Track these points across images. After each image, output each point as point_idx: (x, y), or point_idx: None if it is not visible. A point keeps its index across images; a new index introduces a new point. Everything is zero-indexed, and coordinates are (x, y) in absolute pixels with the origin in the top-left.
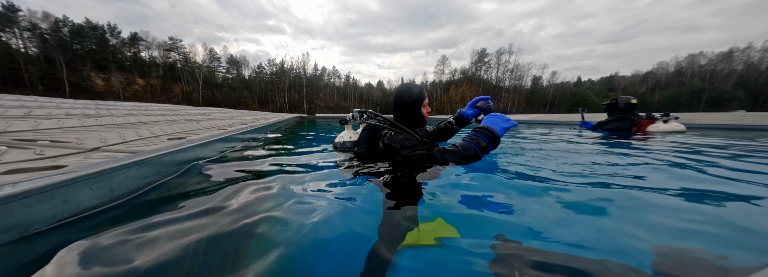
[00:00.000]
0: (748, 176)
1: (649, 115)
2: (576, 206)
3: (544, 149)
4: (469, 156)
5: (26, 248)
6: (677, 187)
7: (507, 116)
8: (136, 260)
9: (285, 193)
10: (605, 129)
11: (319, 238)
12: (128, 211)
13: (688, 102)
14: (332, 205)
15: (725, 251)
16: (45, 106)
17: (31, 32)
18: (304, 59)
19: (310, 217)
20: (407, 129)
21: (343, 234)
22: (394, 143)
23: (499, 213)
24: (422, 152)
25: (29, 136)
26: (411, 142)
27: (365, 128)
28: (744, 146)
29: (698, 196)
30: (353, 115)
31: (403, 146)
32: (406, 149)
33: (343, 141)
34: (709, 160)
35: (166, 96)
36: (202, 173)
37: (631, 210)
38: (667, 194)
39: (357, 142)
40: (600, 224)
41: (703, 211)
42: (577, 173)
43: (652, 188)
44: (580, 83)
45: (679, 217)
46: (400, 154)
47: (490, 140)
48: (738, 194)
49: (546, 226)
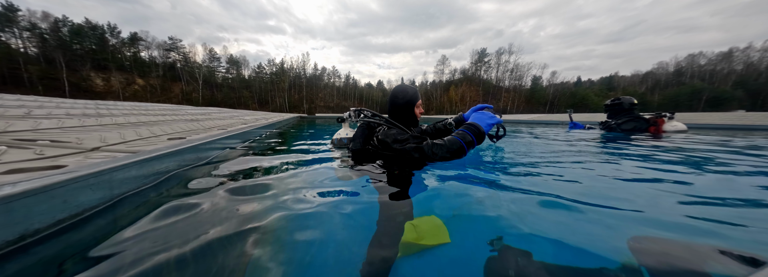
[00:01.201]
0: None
1: (658, 114)
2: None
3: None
4: (454, 149)
5: (26, 248)
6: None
7: (492, 114)
8: (136, 260)
9: (285, 191)
10: (625, 130)
11: (318, 235)
12: (128, 211)
13: (688, 102)
14: (331, 203)
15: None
16: (45, 106)
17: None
18: (304, 59)
19: (310, 215)
20: (401, 125)
21: (340, 230)
22: (387, 137)
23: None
24: (412, 145)
25: (29, 136)
26: (402, 136)
27: (361, 125)
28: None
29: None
30: (350, 113)
31: (394, 139)
32: (398, 142)
33: (340, 138)
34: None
35: (165, 96)
36: (202, 172)
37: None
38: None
39: (353, 138)
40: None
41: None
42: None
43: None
44: (580, 83)
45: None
46: (391, 147)
47: (475, 135)
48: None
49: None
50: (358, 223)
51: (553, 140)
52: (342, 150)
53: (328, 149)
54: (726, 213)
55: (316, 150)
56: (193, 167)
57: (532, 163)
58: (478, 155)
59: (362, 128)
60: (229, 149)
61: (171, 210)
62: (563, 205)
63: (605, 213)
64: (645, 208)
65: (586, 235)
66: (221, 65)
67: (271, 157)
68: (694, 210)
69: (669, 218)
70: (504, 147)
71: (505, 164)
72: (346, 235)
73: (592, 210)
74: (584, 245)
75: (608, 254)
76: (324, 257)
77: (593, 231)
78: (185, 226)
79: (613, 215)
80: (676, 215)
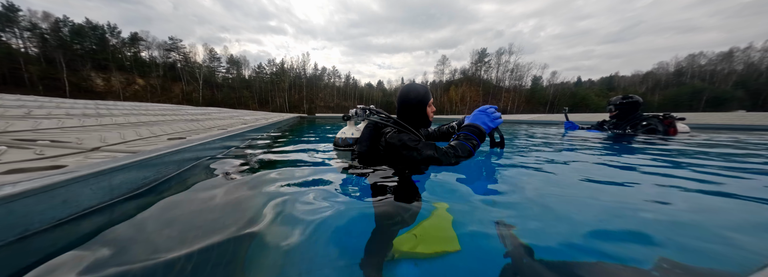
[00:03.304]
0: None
1: (666, 115)
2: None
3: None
4: (464, 156)
5: (26, 248)
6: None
7: (492, 112)
8: (136, 260)
9: (284, 192)
10: (649, 131)
11: (317, 235)
12: (128, 211)
13: (688, 102)
14: (330, 203)
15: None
16: (45, 106)
17: (31, 32)
18: (304, 59)
19: (309, 215)
20: (411, 128)
21: (340, 230)
22: (397, 141)
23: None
24: (429, 153)
25: (29, 136)
26: (413, 143)
27: (367, 126)
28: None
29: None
30: (356, 111)
31: (405, 146)
32: (409, 149)
33: (345, 137)
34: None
35: (166, 96)
36: (202, 173)
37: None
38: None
39: (359, 140)
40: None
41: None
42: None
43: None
44: (580, 83)
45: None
46: (400, 153)
47: (478, 135)
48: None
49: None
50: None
51: (566, 143)
52: (345, 151)
53: (330, 150)
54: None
55: (316, 149)
56: (193, 167)
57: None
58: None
59: (369, 129)
60: (229, 149)
61: (171, 210)
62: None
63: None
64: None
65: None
66: (221, 65)
67: (271, 157)
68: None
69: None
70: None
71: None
72: (346, 235)
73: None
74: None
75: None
76: (322, 257)
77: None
78: (185, 226)
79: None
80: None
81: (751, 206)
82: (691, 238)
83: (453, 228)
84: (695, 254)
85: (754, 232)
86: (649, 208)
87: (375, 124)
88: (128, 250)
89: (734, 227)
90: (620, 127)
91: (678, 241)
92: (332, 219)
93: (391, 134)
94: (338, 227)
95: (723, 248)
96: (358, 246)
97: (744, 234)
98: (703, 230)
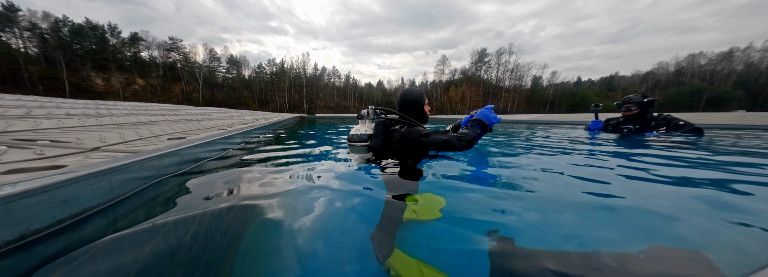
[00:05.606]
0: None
1: (666, 115)
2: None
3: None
4: (470, 140)
5: (26, 248)
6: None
7: (494, 113)
8: (136, 260)
9: (284, 191)
10: (686, 132)
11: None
12: (128, 211)
13: (688, 102)
14: (330, 202)
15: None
16: (45, 106)
17: (31, 32)
18: (304, 59)
19: (308, 214)
20: (419, 123)
21: (342, 224)
22: (412, 133)
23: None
24: (442, 138)
25: (29, 136)
26: (425, 132)
27: (378, 123)
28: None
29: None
30: (368, 111)
31: (421, 134)
32: (425, 136)
33: (360, 133)
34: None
35: (166, 96)
36: (202, 173)
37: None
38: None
39: (373, 135)
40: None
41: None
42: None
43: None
44: (580, 83)
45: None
46: (418, 141)
47: (482, 127)
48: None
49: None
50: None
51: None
52: (361, 146)
53: (330, 149)
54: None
55: (317, 151)
56: (193, 166)
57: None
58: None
59: (381, 126)
60: (229, 148)
61: (171, 210)
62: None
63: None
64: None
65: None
66: (221, 65)
67: (271, 156)
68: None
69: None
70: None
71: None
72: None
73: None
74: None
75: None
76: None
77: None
78: (185, 226)
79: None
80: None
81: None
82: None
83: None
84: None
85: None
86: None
87: (385, 122)
88: (128, 250)
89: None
90: (644, 127)
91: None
92: (330, 216)
93: (405, 129)
94: (337, 222)
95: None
96: (360, 236)
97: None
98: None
